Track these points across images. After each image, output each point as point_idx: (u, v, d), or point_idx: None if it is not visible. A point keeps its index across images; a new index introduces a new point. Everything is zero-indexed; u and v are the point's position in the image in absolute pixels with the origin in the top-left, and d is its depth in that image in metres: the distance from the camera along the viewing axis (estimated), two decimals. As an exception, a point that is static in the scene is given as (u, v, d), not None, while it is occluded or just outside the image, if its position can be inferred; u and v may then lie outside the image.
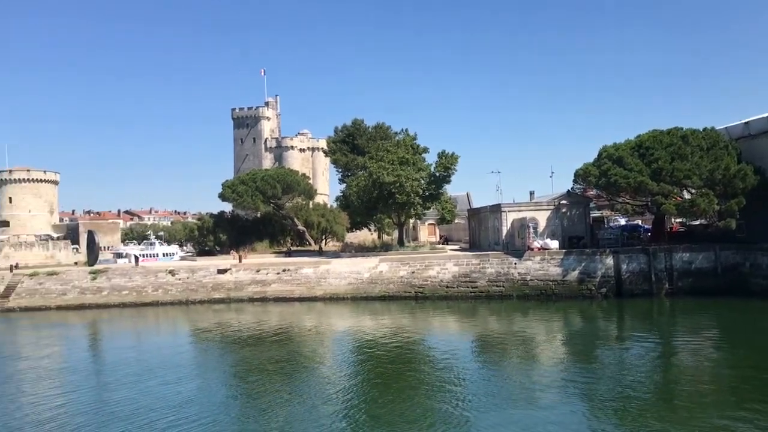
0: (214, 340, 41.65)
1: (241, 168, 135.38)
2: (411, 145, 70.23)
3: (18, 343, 44.51)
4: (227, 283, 61.36)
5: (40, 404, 26.64)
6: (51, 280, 63.60)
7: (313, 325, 46.41)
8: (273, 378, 29.81)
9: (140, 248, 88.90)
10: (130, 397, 26.78)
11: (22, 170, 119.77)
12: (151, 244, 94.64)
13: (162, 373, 31.28)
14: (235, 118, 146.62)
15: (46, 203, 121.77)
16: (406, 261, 60.02)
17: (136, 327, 50.49)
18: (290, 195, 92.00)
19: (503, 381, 27.68)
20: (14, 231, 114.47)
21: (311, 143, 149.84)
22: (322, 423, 22.40)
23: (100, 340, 46.16)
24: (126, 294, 60.94)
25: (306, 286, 59.30)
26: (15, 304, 60.30)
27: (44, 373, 33.80)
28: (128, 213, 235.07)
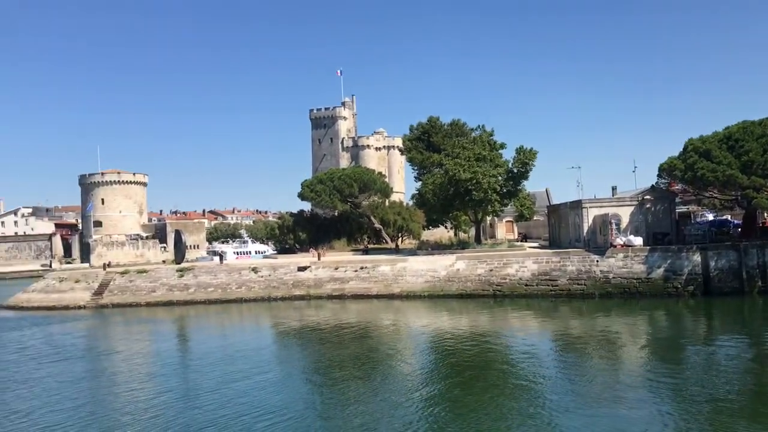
0: (295, 336, 42.64)
1: (319, 167, 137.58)
2: (488, 142, 69.60)
3: (111, 338, 46.80)
4: (307, 280, 62.57)
5: (132, 397, 28.01)
6: (141, 278, 66.52)
7: (390, 323, 46.77)
8: (353, 374, 30.26)
9: (234, 246, 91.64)
10: (217, 391, 27.75)
11: (113, 173, 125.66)
12: (244, 242, 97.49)
13: (246, 368, 32.25)
14: (313, 119, 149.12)
15: (135, 204, 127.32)
16: (484, 259, 59.58)
17: (221, 323, 52.22)
18: (367, 193, 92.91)
19: (586, 381, 27.14)
20: (106, 231, 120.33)
21: (387, 142, 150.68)
22: (403, 420, 22.62)
23: (188, 335, 47.98)
24: (211, 291, 63.05)
25: (383, 283, 59.77)
26: (108, 301, 63.39)
27: (135, 367, 35.47)
28: (212, 213, 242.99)
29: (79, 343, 44.37)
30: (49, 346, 41.81)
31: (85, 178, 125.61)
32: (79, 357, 38.31)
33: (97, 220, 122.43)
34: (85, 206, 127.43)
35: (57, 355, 38.32)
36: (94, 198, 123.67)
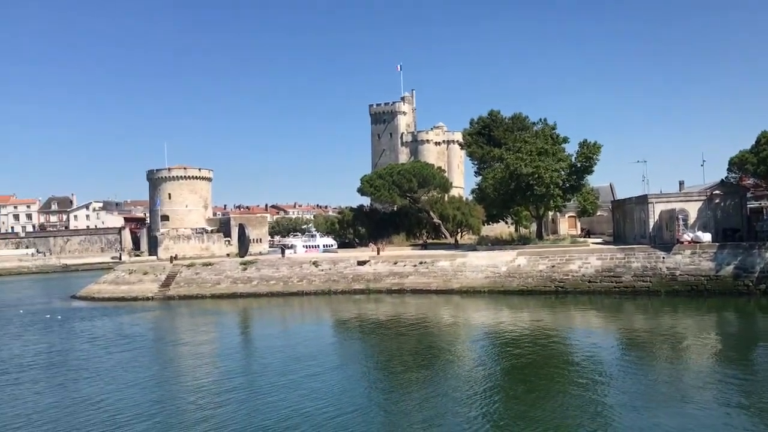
0: (355, 330, 43.04)
1: (379, 163, 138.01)
2: (550, 135, 68.47)
3: (177, 329, 48.20)
4: (366, 274, 62.98)
5: (196, 387, 28.82)
6: (206, 271, 68.27)
7: (450, 318, 46.65)
8: (413, 369, 30.33)
9: (304, 240, 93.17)
10: (279, 383, 28.24)
11: (179, 168, 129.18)
12: (312, 235, 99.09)
13: (307, 360, 32.73)
14: (373, 114, 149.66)
15: (201, 199, 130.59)
16: (546, 254, 58.72)
17: (283, 315, 53.15)
18: (426, 188, 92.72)
19: (651, 380, 26.46)
20: (173, 225, 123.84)
21: (446, 136, 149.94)
22: (464, 416, 22.57)
23: (251, 327, 49.03)
24: (273, 284, 64.19)
25: (442, 278, 59.63)
26: (175, 293, 65.31)
27: (201, 357, 36.51)
28: (274, 207, 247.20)
29: (148, 333, 45.90)
30: (118, 335, 43.37)
31: (152, 174, 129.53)
32: (147, 347, 39.60)
33: (164, 214, 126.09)
34: (152, 201, 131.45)
35: (126, 344, 39.69)
36: (162, 193, 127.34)
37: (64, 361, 35.00)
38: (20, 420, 23.90)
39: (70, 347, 39.64)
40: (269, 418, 22.92)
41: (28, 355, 37.44)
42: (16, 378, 30.99)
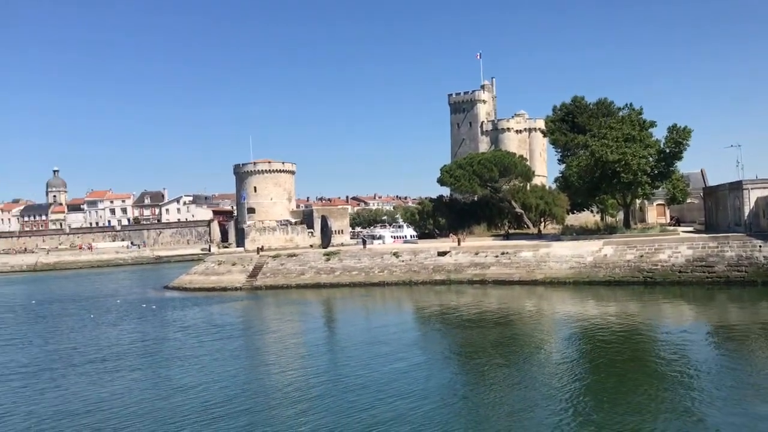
0: (436, 321, 43.05)
1: (458, 152, 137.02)
2: (637, 121, 66.11)
3: (265, 318, 49.64)
4: (447, 265, 62.84)
5: (283, 375, 29.63)
6: (291, 261, 69.89)
7: (533, 309, 45.97)
8: (496, 360, 30.09)
9: (391, 230, 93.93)
10: (362, 373, 28.62)
11: (264, 162, 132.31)
12: (399, 226, 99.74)
13: (390, 350, 33.06)
14: (452, 104, 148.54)
15: (285, 191, 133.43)
16: (633, 244, 56.88)
17: (365, 305, 53.77)
18: (507, 177, 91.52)
19: (746, 374, 25.27)
20: (259, 217, 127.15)
21: (528, 124, 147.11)
22: (552, 409, 22.22)
23: (334, 317, 49.88)
24: (356, 274, 65.03)
25: (525, 269, 58.76)
26: (261, 283, 67.19)
27: (287, 346, 37.49)
28: (355, 199, 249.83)
29: (236, 322, 47.46)
30: (209, 325, 45.05)
31: (239, 168, 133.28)
32: (237, 336, 40.91)
33: (250, 207, 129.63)
34: (239, 194, 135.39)
35: (216, 333, 41.16)
36: (248, 186, 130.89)
37: (159, 350, 36.65)
38: (119, 405, 25.20)
39: (163, 336, 41.49)
40: (354, 408, 23.28)
41: (125, 343, 39.45)
42: (115, 366, 32.66)
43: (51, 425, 22.90)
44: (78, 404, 25.42)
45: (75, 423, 23.04)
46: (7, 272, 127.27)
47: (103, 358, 34.47)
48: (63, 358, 35.19)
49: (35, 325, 48.99)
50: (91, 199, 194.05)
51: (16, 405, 25.70)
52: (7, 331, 46.74)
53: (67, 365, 33.10)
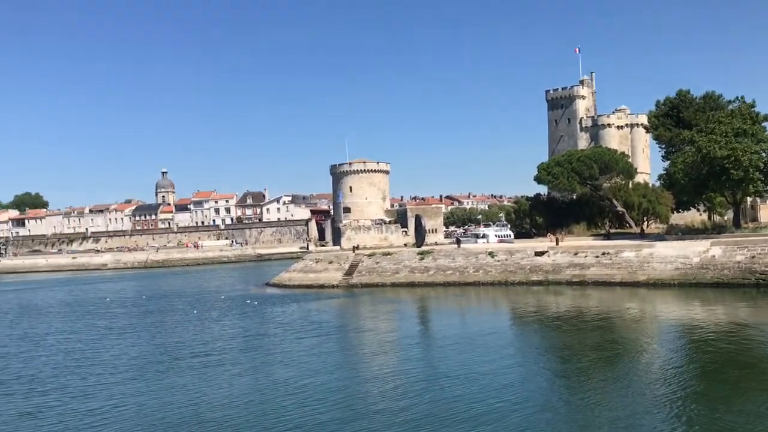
0: (533, 322, 42.25)
1: (556, 149, 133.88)
2: (748, 114, 62.37)
3: (360, 316, 50.28)
4: (544, 265, 61.53)
5: (379, 375, 29.87)
6: (385, 260, 70.49)
7: (636, 312, 44.28)
8: (597, 365, 29.20)
9: (495, 229, 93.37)
10: (457, 373, 28.41)
11: (359, 162, 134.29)
12: (503, 225, 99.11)
13: (486, 352, 32.70)
14: (549, 100, 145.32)
15: (379, 191, 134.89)
16: (744, 244, 53.69)
17: (459, 305, 53.50)
18: (608, 175, 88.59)
19: None
20: (354, 216, 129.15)
21: (630, 119, 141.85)
22: (659, 416, 21.26)
23: (429, 316, 49.90)
24: (450, 274, 64.79)
25: (627, 270, 56.65)
26: (357, 281, 68.17)
27: (382, 345, 37.77)
28: (449, 198, 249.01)
29: (333, 319, 48.37)
30: (307, 321, 46.14)
31: (335, 168, 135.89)
32: (334, 333, 41.63)
33: (346, 206, 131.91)
34: (335, 194, 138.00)
35: (314, 330, 42.09)
36: (343, 186, 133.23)
37: (260, 345, 37.80)
38: (223, 400, 26.16)
39: (264, 332, 42.82)
40: (450, 409, 23.16)
41: (227, 338, 41.00)
42: (218, 360, 33.93)
43: (159, 417, 24.01)
44: (184, 397, 26.56)
45: (181, 415, 24.07)
46: (120, 269, 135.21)
47: (207, 353, 35.88)
48: (169, 351, 36.89)
49: (144, 320, 51.69)
50: (197, 199, 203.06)
51: (127, 397, 27.09)
52: (118, 324, 49.59)
53: (173, 359, 34.70)
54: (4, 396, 27.71)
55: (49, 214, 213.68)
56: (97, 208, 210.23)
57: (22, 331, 47.48)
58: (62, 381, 30.22)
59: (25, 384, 29.90)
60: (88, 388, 28.70)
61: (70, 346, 40.20)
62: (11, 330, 48.65)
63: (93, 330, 46.96)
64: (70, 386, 29.08)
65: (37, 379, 31.01)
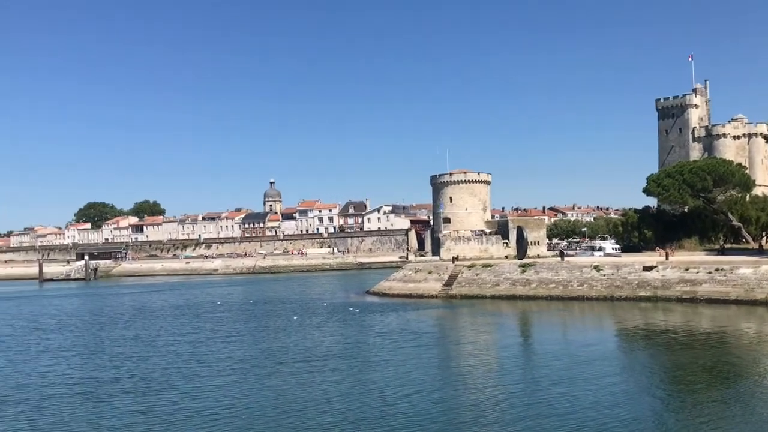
0: (640, 339, 40.68)
1: (666, 160, 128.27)
2: None
3: (459, 327, 49.99)
4: (653, 280, 59.10)
5: (477, 389, 29.63)
6: (486, 272, 69.89)
7: (754, 332, 41.61)
8: (710, 387, 27.79)
9: (612, 242, 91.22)
10: (559, 391, 27.72)
11: (459, 173, 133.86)
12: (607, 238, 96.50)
13: (588, 369, 31.78)
14: (660, 109, 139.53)
15: (480, 202, 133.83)
16: None
17: (563, 320, 52.25)
18: (722, 187, 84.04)
19: None
20: (454, 227, 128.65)
21: (747, 129, 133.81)
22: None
23: (530, 330, 48.99)
24: (552, 287, 63.41)
25: (743, 287, 53.49)
26: (456, 292, 67.98)
27: (481, 359, 37.25)
28: (552, 209, 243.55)
29: (432, 330, 48.45)
30: (406, 331, 46.44)
31: (435, 179, 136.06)
32: (432, 344, 41.64)
33: (446, 216, 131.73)
34: (435, 204, 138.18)
35: (413, 340, 42.27)
36: (443, 196, 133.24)
37: (360, 353, 38.30)
38: (323, 405, 26.75)
39: (364, 340, 43.45)
40: (557, 427, 22.74)
41: (328, 344, 41.82)
42: (320, 366, 34.69)
43: (263, 421, 24.81)
44: (286, 402, 27.29)
45: (283, 420, 24.76)
46: (229, 274, 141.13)
47: (309, 359, 36.74)
48: (273, 356, 38.04)
49: (249, 324, 53.67)
50: (302, 208, 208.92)
51: (232, 399, 28.10)
52: (225, 328, 51.74)
53: (276, 363, 35.76)
54: (120, 394, 29.43)
55: (166, 221, 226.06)
56: (210, 216, 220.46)
57: (135, 332, 50.42)
58: (172, 381, 31.79)
59: (138, 383, 31.63)
60: (196, 389, 30.04)
61: (179, 347, 42.28)
62: (126, 331, 51.77)
63: (201, 332, 49.24)
64: (180, 386, 30.55)
65: (148, 378, 32.73)
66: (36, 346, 44.74)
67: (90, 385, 31.30)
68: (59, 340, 47.34)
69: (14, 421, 25.43)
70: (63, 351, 42.31)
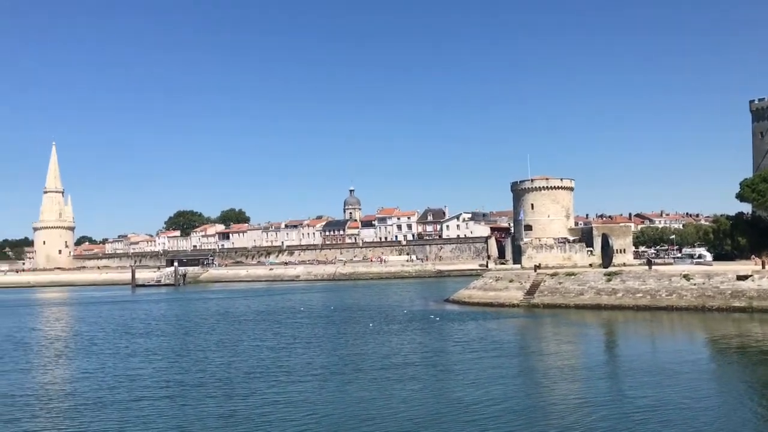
0: (736, 353, 38.49)
1: (761, 164, 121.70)
2: None
3: (542, 338, 48.61)
4: (748, 290, 56.05)
5: (561, 400, 28.72)
6: (569, 280, 68.14)
7: None
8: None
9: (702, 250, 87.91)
10: (652, 406, 26.52)
11: (541, 179, 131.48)
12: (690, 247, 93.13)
13: (681, 382, 30.34)
14: (754, 111, 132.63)
15: (562, 208, 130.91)
16: None
17: (650, 331, 50.20)
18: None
19: None
20: (535, 234, 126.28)
21: None
22: None
23: (615, 342, 47.13)
24: (639, 297, 61.13)
25: None
26: (539, 301, 66.58)
27: (564, 371, 35.85)
28: (639, 216, 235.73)
29: (513, 340, 47.50)
30: (487, 340, 45.68)
31: (516, 185, 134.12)
32: (513, 354, 40.66)
33: (527, 224, 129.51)
34: (516, 211, 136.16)
35: (494, 350, 41.48)
36: (524, 203, 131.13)
37: (439, 362, 37.87)
38: (403, 414, 26.58)
39: (443, 348, 42.99)
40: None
41: (407, 352, 41.56)
42: (399, 373, 34.53)
43: (343, 427, 24.90)
44: (365, 408, 27.30)
45: (363, 427, 24.79)
46: (310, 280, 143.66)
47: (388, 366, 36.61)
48: (352, 363, 38.14)
49: (329, 330, 54.19)
50: (381, 215, 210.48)
51: (313, 405, 28.22)
52: (305, 333, 52.39)
53: (355, 370, 35.85)
54: (205, 398, 30.08)
55: (250, 229, 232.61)
56: (292, 224, 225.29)
57: (219, 337, 51.80)
58: (254, 386, 32.25)
59: (222, 387, 32.27)
60: (278, 394, 30.39)
61: (261, 353, 43.00)
62: (210, 336, 53.26)
63: (282, 338, 50.07)
64: (262, 392, 30.97)
65: (231, 382, 33.37)
66: (125, 350, 46.68)
67: (175, 389, 32.25)
68: (147, 344, 49.23)
69: (104, 421, 26.50)
70: (150, 354, 43.91)
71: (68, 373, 38.19)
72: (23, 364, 41.76)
